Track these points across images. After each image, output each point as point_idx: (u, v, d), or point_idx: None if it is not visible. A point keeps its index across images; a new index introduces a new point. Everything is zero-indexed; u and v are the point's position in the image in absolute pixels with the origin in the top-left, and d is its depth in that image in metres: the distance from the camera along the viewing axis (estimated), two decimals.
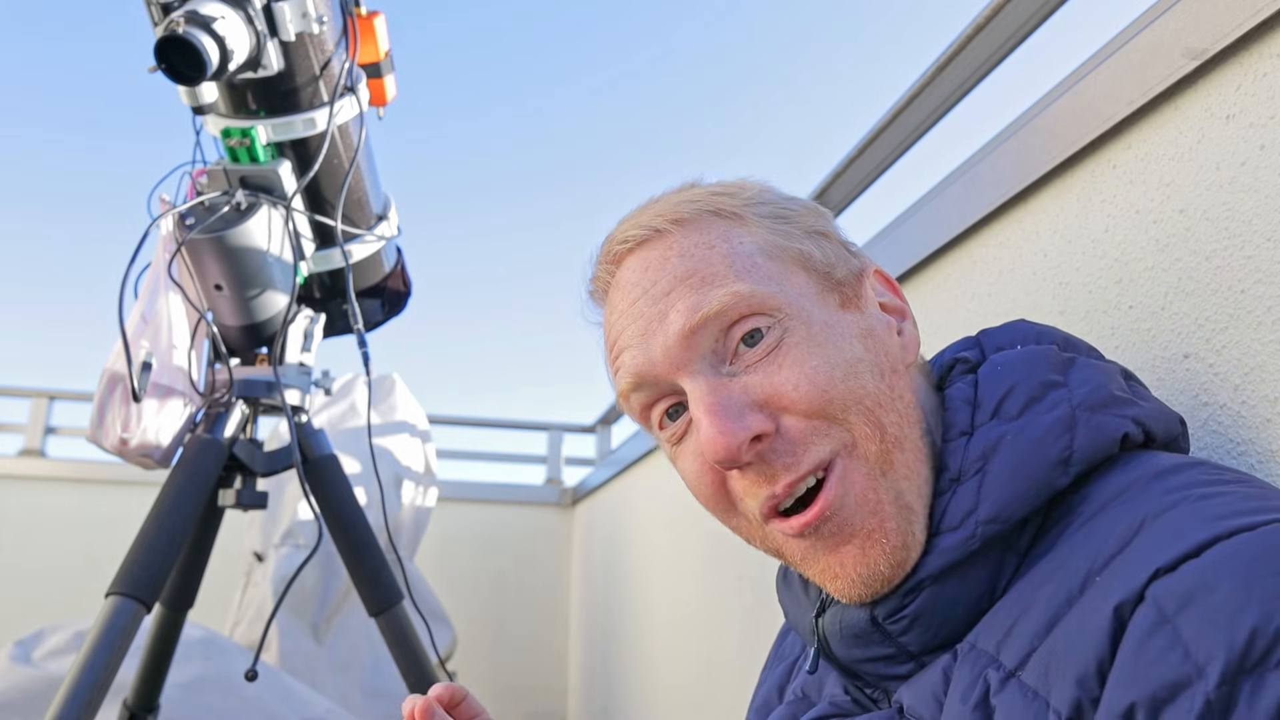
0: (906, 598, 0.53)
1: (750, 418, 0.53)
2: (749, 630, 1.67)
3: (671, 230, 0.59)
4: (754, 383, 0.55)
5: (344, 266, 1.39)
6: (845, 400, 0.54)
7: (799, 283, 0.58)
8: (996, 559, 0.52)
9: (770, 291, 0.56)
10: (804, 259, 0.59)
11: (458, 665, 3.29)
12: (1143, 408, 0.56)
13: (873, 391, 0.55)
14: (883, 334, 0.59)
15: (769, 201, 0.62)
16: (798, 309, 0.56)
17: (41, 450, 3.41)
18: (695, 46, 12.43)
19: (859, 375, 0.55)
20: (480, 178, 8.66)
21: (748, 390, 0.55)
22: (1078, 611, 0.44)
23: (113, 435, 1.21)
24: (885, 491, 0.54)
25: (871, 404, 0.54)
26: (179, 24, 1.04)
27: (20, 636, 1.91)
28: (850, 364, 0.55)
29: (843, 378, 0.54)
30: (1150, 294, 0.75)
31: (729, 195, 0.61)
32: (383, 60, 1.37)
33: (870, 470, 0.54)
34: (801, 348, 0.55)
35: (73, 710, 1.03)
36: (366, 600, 1.34)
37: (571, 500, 3.71)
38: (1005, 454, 0.53)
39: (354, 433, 2.64)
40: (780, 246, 0.59)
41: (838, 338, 0.56)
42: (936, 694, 0.51)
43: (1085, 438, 0.52)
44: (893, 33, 14.44)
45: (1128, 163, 0.79)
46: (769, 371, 0.55)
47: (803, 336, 0.55)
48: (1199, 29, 0.68)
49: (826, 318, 0.57)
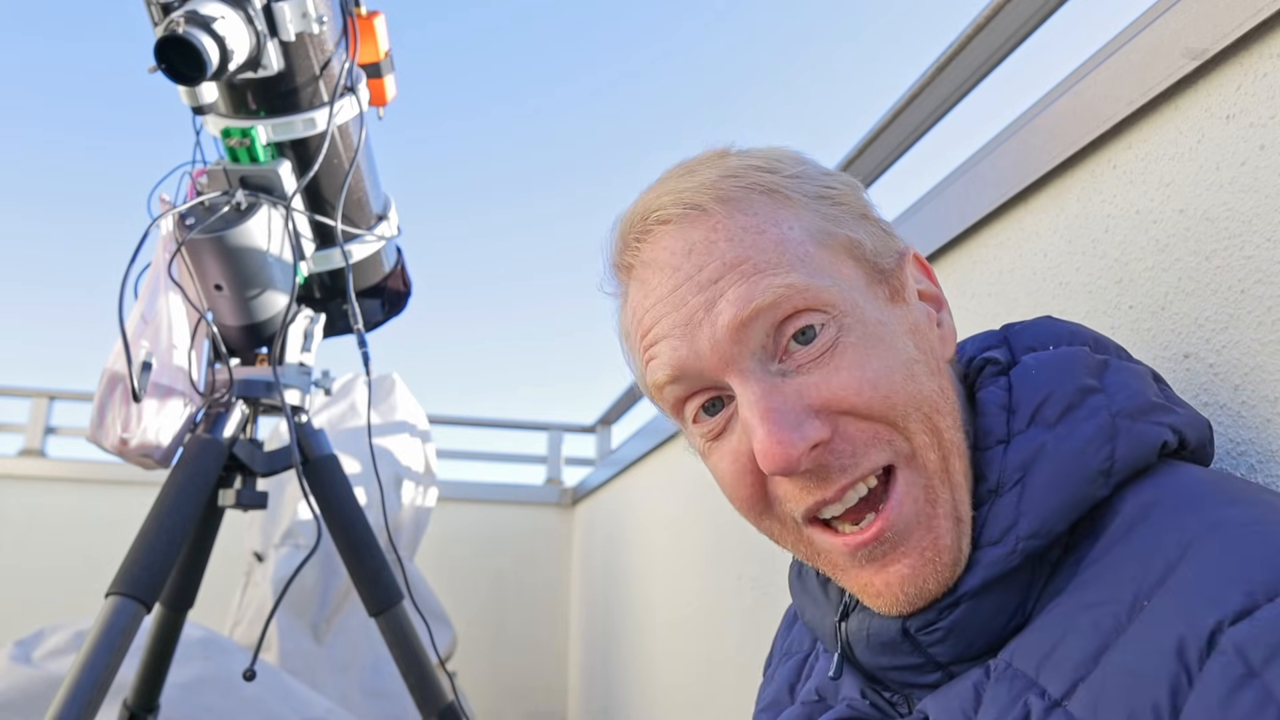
0: (944, 612, 0.52)
1: (808, 426, 0.50)
2: (749, 630, 1.67)
3: (716, 210, 0.54)
4: (810, 385, 0.51)
5: (344, 266, 1.39)
6: (906, 406, 0.51)
7: (850, 275, 0.54)
8: (1030, 573, 0.51)
9: (824, 285, 0.52)
10: (853, 247, 0.55)
11: (458, 665, 3.29)
12: (1179, 414, 0.54)
13: (929, 394, 0.52)
14: (926, 328, 0.56)
15: (812, 178, 0.57)
16: (852, 305, 0.53)
17: (41, 450, 3.41)
18: (695, 46, 12.42)
19: (917, 378, 0.52)
20: (480, 178, 8.66)
21: (803, 394, 0.51)
22: (1131, 643, 0.43)
23: (113, 435, 1.21)
24: (943, 505, 0.51)
25: (929, 409, 0.52)
26: (179, 24, 1.03)
27: (20, 636, 1.91)
28: (908, 365, 0.52)
29: (903, 381, 0.51)
30: (1150, 294, 0.75)
31: (772, 172, 0.56)
32: (383, 60, 1.37)
33: (929, 482, 0.51)
34: (859, 348, 0.52)
35: (73, 710, 1.03)
36: (366, 600, 1.34)
37: (571, 500, 3.71)
38: (1045, 465, 0.51)
39: (354, 433, 2.64)
40: (829, 233, 0.55)
41: (892, 336, 0.53)
42: (966, 711, 0.49)
43: (1126, 447, 0.51)
44: (893, 33, 14.43)
45: (1128, 163, 0.79)
46: (825, 374, 0.51)
47: (859, 336, 0.52)
48: (1199, 29, 0.68)
49: (880, 314, 0.54)
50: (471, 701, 3.25)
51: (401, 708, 2.43)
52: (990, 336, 0.63)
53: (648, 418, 2.68)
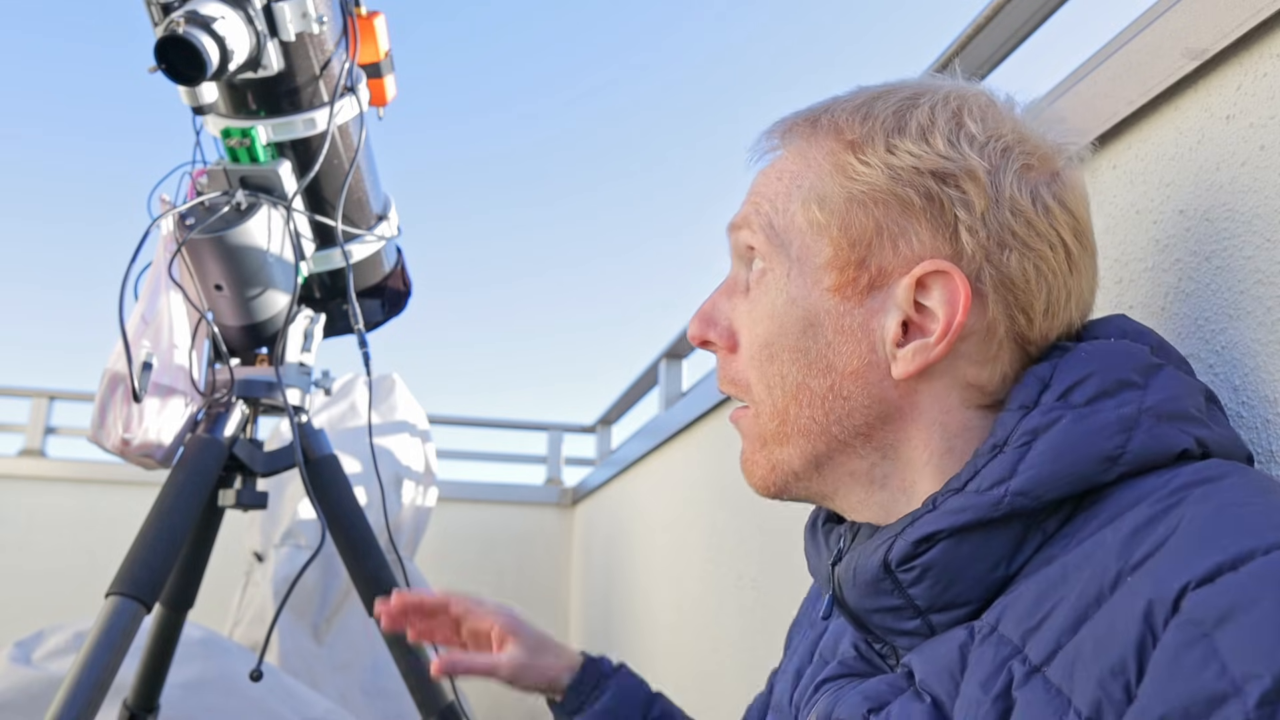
0: (920, 545, 0.53)
1: (712, 330, 0.65)
2: (749, 630, 1.67)
3: (786, 145, 0.63)
4: (737, 309, 0.64)
5: (344, 266, 1.39)
6: (765, 380, 0.61)
7: (809, 248, 0.59)
8: (1019, 532, 0.52)
9: (772, 240, 0.60)
10: (833, 224, 0.58)
11: None
12: (1213, 431, 0.54)
13: (793, 383, 0.59)
14: (868, 335, 0.57)
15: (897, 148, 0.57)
16: (784, 270, 0.60)
17: (41, 450, 3.41)
18: (695, 47, 12.42)
19: (785, 363, 0.60)
20: (480, 178, 8.66)
21: (732, 311, 0.64)
22: (1106, 611, 0.44)
23: (114, 435, 1.21)
24: (764, 455, 0.62)
25: (784, 394, 0.60)
26: (179, 24, 1.04)
27: (20, 636, 1.91)
28: (784, 349, 0.60)
29: (768, 359, 0.60)
30: (1150, 294, 0.75)
31: (846, 131, 0.59)
32: (383, 60, 1.37)
33: (760, 435, 0.62)
34: (764, 305, 0.61)
35: (73, 710, 1.03)
36: (366, 600, 1.34)
37: (571, 500, 3.71)
38: (1054, 435, 0.51)
39: (354, 433, 2.64)
40: (823, 204, 0.59)
41: (793, 317, 0.59)
42: (953, 672, 0.50)
43: (1141, 441, 0.51)
44: (892, 33, 14.43)
45: (1128, 163, 0.79)
46: (744, 308, 0.63)
47: (771, 297, 0.60)
48: (1199, 29, 0.68)
49: (800, 293, 0.59)
50: (471, 701, 3.25)
51: (401, 708, 2.43)
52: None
53: (648, 418, 2.68)
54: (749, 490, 0.66)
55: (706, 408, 1.96)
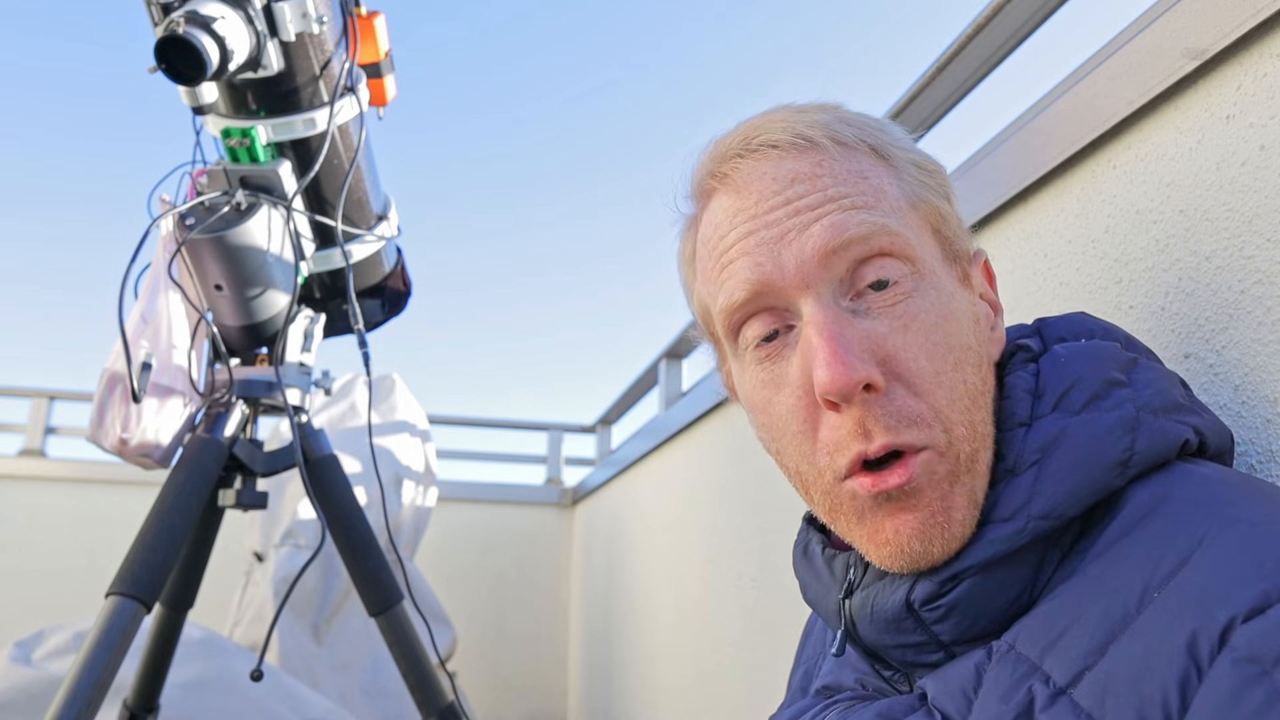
0: (945, 585, 0.52)
1: (869, 365, 0.51)
2: (749, 630, 1.67)
3: (827, 147, 0.56)
4: (878, 331, 0.53)
5: (344, 266, 1.39)
6: (952, 393, 0.53)
7: (931, 245, 0.57)
8: (1039, 555, 0.51)
9: (911, 240, 0.55)
10: (938, 220, 0.58)
11: (458, 665, 3.29)
12: (1203, 418, 0.55)
13: (973, 387, 0.54)
14: (984, 323, 0.58)
15: (913, 150, 0.60)
16: (930, 269, 0.55)
17: (41, 450, 3.41)
18: (695, 47, 12.42)
19: (965, 366, 0.54)
20: (480, 178, 8.66)
21: (870, 336, 0.52)
22: (1139, 634, 0.43)
23: (113, 435, 1.21)
24: (961, 491, 0.52)
25: (970, 402, 0.53)
26: (179, 24, 1.03)
27: (20, 636, 1.91)
28: (963, 350, 0.54)
29: (954, 365, 0.53)
30: (1150, 294, 0.75)
31: (883, 131, 0.59)
32: (383, 60, 1.37)
33: (955, 469, 0.52)
34: (930, 313, 0.53)
35: (73, 710, 1.03)
36: (366, 600, 1.34)
37: (571, 500, 3.71)
38: (1064, 450, 0.51)
39: (354, 433, 2.64)
40: (922, 199, 0.57)
41: (959, 314, 0.55)
42: (966, 690, 0.49)
43: (1146, 440, 0.51)
44: (892, 33, 14.43)
45: (1128, 163, 0.79)
46: (894, 326, 0.53)
47: (932, 301, 0.54)
48: (1199, 29, 0.68)
49: (952, 289, 0.56)
50: (471, 701, 3.25)
51: (401, 708, 2.43)
52: (1022, 328, 0.63)
53: (648, 418, 2.68)
54: (749, 490, 0.64)
55: (707, 408, 1.96)
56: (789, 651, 1.46)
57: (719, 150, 0.60)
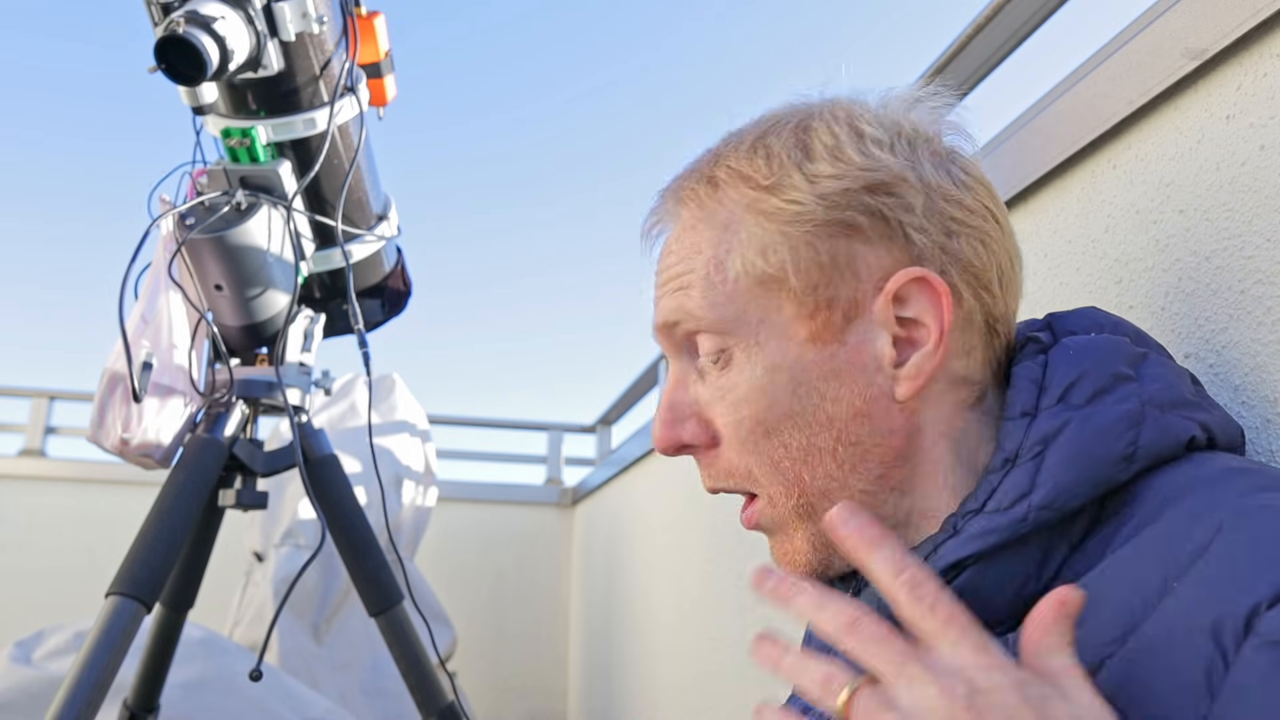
0: (947, 574, 0.52)
1: (687, 428, 0.59)
2: (749, 630, 1.67)
3: (683, 215, 0.60)
4: (702, 399, 0.59)
5: (344, 266, 1.38)
6: (764, 460, 0.57)
7: (763, 309, 0.56)
8: (1045, 544, 0.51)
9: (724, 317, 0.57)
10: (787, 273, 0.55)
11: (458, 665, 3.29)
12: (1212, 414, 0.55)
13: (798, 450, 0.56)
14: (862, 368, 0.55)
15: (793, 185, 0.55)
16: (749, 342, 0.57)
17: (41, 450, 3.41)
18: (695, 47, 12.43)
19: (785, 432, 0.56)
20: (480, 178, 8.66)
21: (697, 402, 0.60)
22: (1159, 623, 0.43)
23: (113, 435, 1.21)
24: (802, 535, 0.58)
25: (792, 463, 0.56)
26: (179, 24, 1.03)
27: (20, 636, 1.91)
28: (779, 419, 0.56)
29: (764, 434, 0.56)
30: (1150, 294, 0.75)
31: (755, 177, 0.57)
32: (383, 60, 1.37)
33: (787, 519, 0.58)
34: (742, 386, 0.57)
35: (73, 710, 1.03)
36: (366, 600, 1.34)
37: (571, 500, 3.71)
38: (1067, 441, 0.51)
39: (354, 433, 2.64)
40: (764, 258, 0.55)
41: (779, 384, 0.56)
42: None
43: (1151, 435, 0.51)
44: (892, 33, 14.42)
45: (1128, 163, 0.79)
46: (714, 395, 0.58)
47: (746, 374, 0.57)
48: (1199, 29, 0.68)
49: (778, 357, 0.55)
50: (471, 701, 3.25)
51: (401, 708, 2.43)
52: (1034, 322, 0.63)
53: (648, 418, 2.68)
54: None
55: None
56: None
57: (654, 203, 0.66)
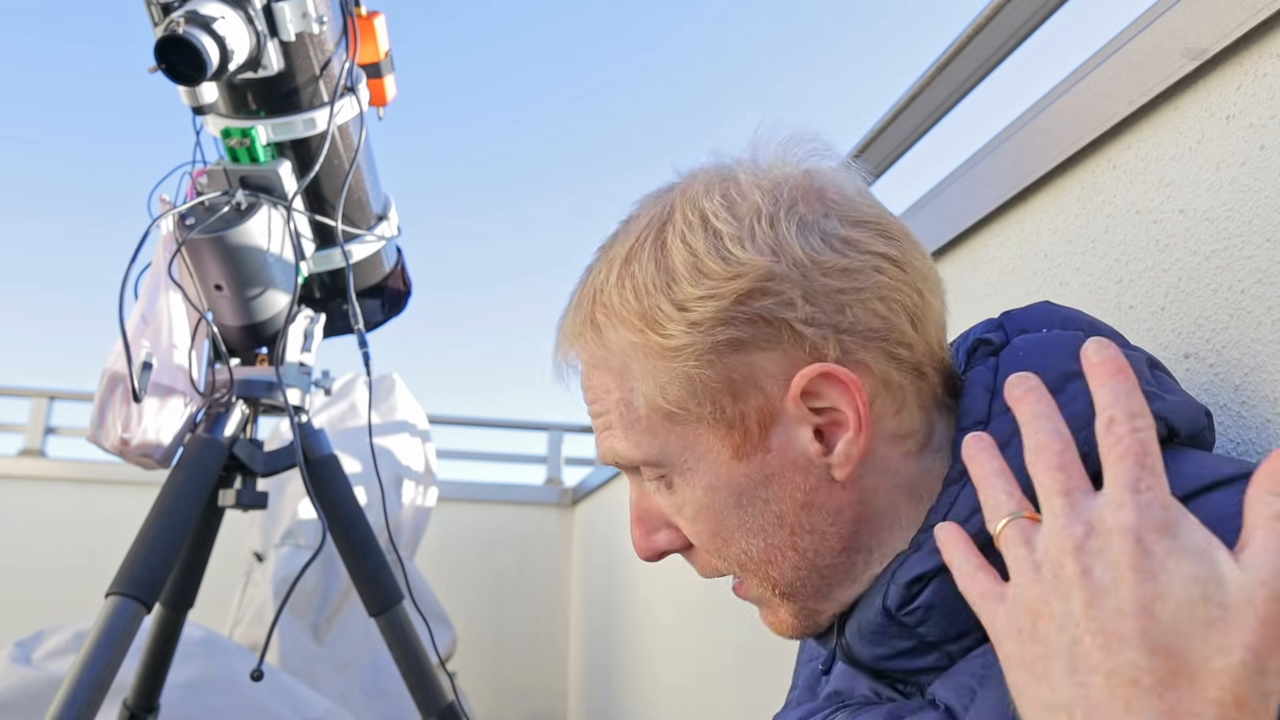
0: (912, 588, 0.53)
1: (662, 536, 0.61)
2: (749, 630, 1.67)
3: (582, 355, 0.61)
4: (664, 509, 0.61)
5: (344, 266, 1.39)
6: (733, 562, 0.59)
7: (682, 438, 0.57)
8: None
9: (650, 453, 0.58)
10: (688, 406, 0.56)
11: (458, 665, 3.29)
12: (1167, 402, 0.54)
13: (758, 550, 0.58)
14: (794, 466, 0.56)
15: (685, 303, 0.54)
16: (680, 466, 0.58)
17: (41, 450, 3.41)
18: (695, 47, 12.43)
19: (738, 538, 0.58)
20: (480, 178, 8.66)
21: (662, 511, 0.61)
22: None
23: (113, 435, 1.21)
24: (790, 606, 0.60)
25: (755, 564, 0.58)
26: (179, 24, 1.03)
27: (20, 636, 1.91)
28: (731, 530, 0.58)
29: (724, 543, 0.58)
30: (1150, 294, 0.75)
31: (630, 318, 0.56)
32: (383, 60, 1.37)
33: (773, 595, 0.59)
34: (689, 505, 0.59)
35: (73, 710, 1.03)
36: (366, 600, 1.34)
37: (571, 500, 3.71)
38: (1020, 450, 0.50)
39: (354, 433, 2.64)
40: (667, 396, 0.56)
41: (719, 500, 0.57)
42: (972, 686, 0.50)
43: None
44: (892, 33, 14.42)
45: (1128, 163, 0.79)
46: (674, 507, 0.60)
47: (687, 495, 0.58)
48: (1199, 29, 0.68)
49: (713, 477, 0.57)
50: (471, 701, 3.25)
51: (401, 708, 2.43)
52: (989, 321, 0.63)
53: None
54: None
55: None
56: (789, 651, 1.45)
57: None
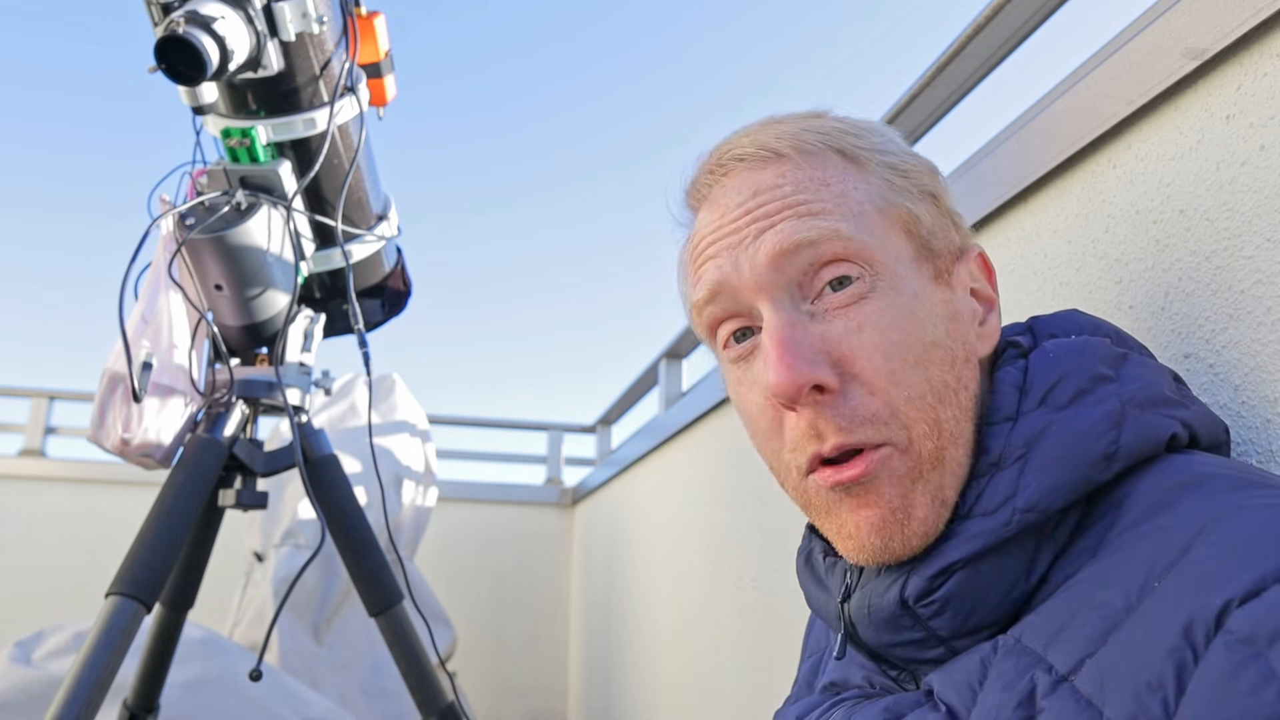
0: (936, 580, 0.52)
1: (820, 366, 0.53)
2: (749, 630, 1.67)
3: (791, 156, 0.59)
4: (832, 334, 0.54)
5: (344, 266, 1.39)
6: (911, 392, 0.53)
7: (899, 244, 0.57)
8: (1032, 547, 0.52)
9: (869, 242, 0.56)
10: (909, 220, 0.58)
11: (458, 665, 3.29)
12: (1191, 410, 0.55)
13: (938, 384, 0.54)
14: (966, 319, 0.59)
15: (891, 151, 0.61)
16: (891, 270, 0.56)
17: (41, 450, 3.41)
18: (695, 47, 12.42)
19: (930, 364, 0.54)
20: (480, 178, 8.66)
21: (825, 339, 0.54)
22: (1139, 621, 0.43)
23: (114, 435, 1.21)
24: (924, 489, 0.53)
25: (934, 399, 0.54)
26: (179, 24, 1.03)
27: (20, 636, 1.91)
28: (926, 348, 0.55)
29: (914, 364, 0.54)
30: (1150, 294, 0.75)
31: (855, 135, 0.60)
32: (383, 60, 1.37)
33: (917, 466, 0.53)
34: (888, 313, 0.54)
35: (73, 710, 1.03)
36: (366, 600, 1.34)
37: (571, 500, 3.71)
38: (1049, 444, 0.52)
39: (354, 433, 2.64)
40: (890, 202, 0.58)
41: (923, 312, 0.56)
42: (971, 683, 0.50)
43: (1131, 434, 0.52)
44: (893, 33, 14.43)
45: (1128, 163, 0.79)
46: (849, 328, 0.54)
47: (890, 302, 0.55)
48: (1199, 29, 0.68)
49: (918, 288, 0.57)
50: (471, 701, 3.25)
51: (401, 708, 2.43)
52: (1016, 325, 0.64)
53: (647, 418, 2.68)
54: (749, 490, 0.65)
55: (706, 408, 1.96)
56: (789, 651, 1.46)
57: (699, 168, 0.64)
